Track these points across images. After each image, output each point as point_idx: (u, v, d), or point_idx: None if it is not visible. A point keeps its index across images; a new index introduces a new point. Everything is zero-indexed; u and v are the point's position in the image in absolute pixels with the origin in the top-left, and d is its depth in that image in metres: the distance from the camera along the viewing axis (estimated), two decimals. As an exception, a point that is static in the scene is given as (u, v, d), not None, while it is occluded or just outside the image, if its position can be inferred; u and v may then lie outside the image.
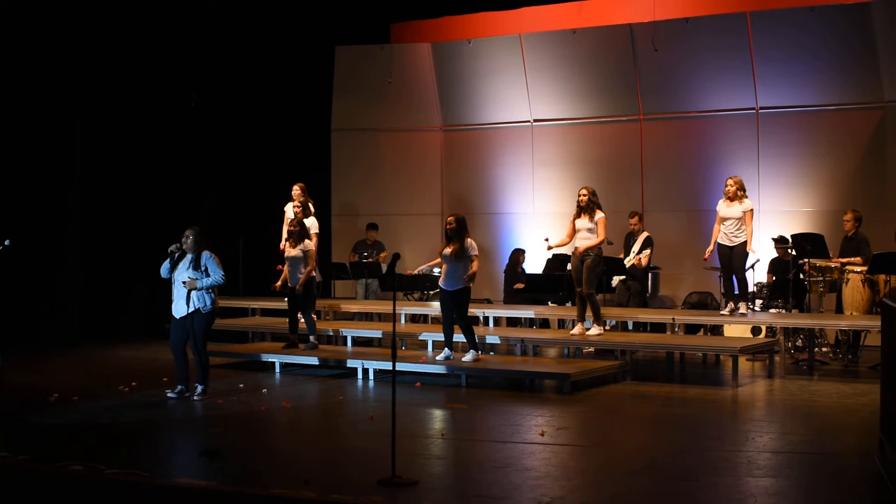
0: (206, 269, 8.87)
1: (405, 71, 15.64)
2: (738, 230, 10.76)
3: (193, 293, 8.85)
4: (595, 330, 10.58)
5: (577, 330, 10.70)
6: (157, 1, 14.08)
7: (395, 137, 15.89)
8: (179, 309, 8.95)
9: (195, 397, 8.97)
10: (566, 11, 15.00)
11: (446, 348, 10.18)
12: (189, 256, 8.92)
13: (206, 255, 8.93)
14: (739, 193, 10.74)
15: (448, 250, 9.92)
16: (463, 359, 10.06)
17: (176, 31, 14.48)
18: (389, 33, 16.35)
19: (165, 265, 9.00)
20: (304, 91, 15.63)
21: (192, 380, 9.10)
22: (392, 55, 15.62)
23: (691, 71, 13.91)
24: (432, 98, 15.77)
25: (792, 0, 13.32)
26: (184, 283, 8.87)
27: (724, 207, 10.84)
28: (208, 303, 8.93)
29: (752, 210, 10.81)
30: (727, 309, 10.99)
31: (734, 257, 10.81)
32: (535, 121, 15.11)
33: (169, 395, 9.06)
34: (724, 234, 10.86)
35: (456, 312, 10.02)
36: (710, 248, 11.02)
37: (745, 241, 10.75)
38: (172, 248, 8.98)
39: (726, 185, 10.82)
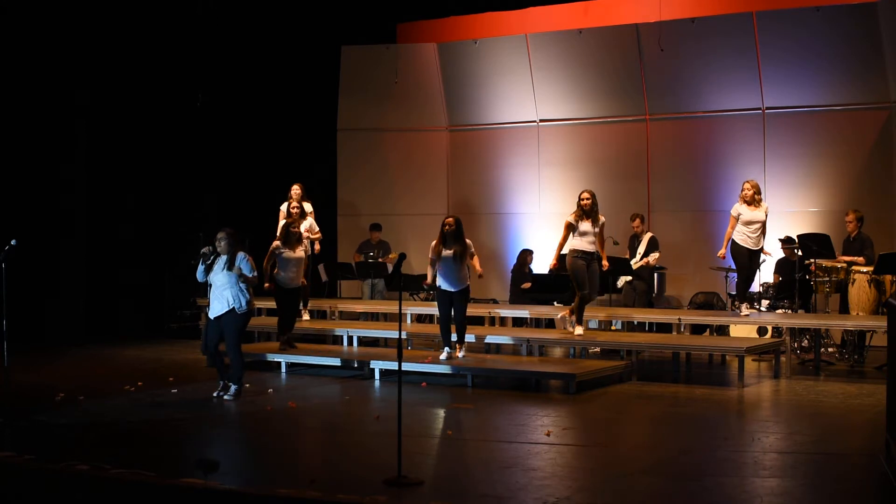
0: (241, 270, 8.87)
1: (411, 71, 15.64)
2: (762, 234, 10.77)
3: (229, 293, 8.83)
4: (580, 329, 10.65)
5: (580, 331, 10.67)
6: (165, 0, 14.11)
7: (400, 137, 15.89)
8: (215, 309, 8.95)
9: (227, 397, 8.97)
10: (572, 11, 14.99)
11: (447, 347, 10.22)
12: (224, 258, 8.92)
13: (240, 256, 8.91)
14: (757, 197, 10.71)
15: (449, 252, 9.95)
16: (460, 356, 10.20)
17: (182, 30, 14.51)
18: (395, 33, 16.36)
19: (200, 269, 8.98)
20: (309, 91, 15.64)
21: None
22: (398, 55, 15.63)
23: (697, 71, 13.90)
24: (438, 98, 15.76)
25: (798, 0, 13.31)
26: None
27: (747, 211, 10.72)
28: (243, 303, 8.91)
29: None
30: (744, 308, 10.97)
31: (757, 260, 10.84)
32: (541, 121, 15.11)
33: (214, 395, 9.06)
34: (748, 238, 10.75)
35: (459, 310, 10.09)
36: (723, 250, 11.00)
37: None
38: (205, 250, 8.96)
39: (744, 189, 10.73)
